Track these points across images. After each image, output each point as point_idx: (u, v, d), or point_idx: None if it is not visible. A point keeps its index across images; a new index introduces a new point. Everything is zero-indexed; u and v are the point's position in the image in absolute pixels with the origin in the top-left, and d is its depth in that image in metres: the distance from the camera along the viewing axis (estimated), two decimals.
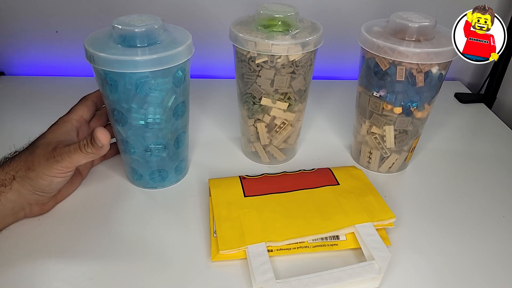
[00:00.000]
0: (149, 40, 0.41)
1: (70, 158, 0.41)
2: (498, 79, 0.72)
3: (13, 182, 0.40)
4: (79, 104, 0.47)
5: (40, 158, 0.41)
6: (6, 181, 0.40)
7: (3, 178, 0.40)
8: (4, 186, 0.40)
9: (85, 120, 0.47)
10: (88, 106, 0.47)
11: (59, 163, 0.41)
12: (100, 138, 0.40)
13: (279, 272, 0.40)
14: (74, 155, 0.41)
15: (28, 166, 0.41)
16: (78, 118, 0.46)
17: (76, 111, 0.46)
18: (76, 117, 0.46)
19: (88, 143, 0.41)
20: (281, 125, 0.51)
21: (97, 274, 0.39)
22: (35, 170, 0.40)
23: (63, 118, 0.45)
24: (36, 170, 0.40)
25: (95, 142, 0.40)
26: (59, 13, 0.71)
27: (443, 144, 0.62)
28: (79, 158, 0.41)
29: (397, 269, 0.41)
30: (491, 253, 0.43)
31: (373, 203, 0.46)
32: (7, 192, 0.40)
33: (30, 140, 0.44)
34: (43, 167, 0.40)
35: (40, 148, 0.42)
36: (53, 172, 0.41)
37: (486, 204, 0.50)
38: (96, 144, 0.40)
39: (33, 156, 0.41)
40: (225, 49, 0.74)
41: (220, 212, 0.44)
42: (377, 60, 0.46)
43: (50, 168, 0.40)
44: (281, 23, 0.46)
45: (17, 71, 0.77)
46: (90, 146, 0.41)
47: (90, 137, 0.41)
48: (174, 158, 0.49)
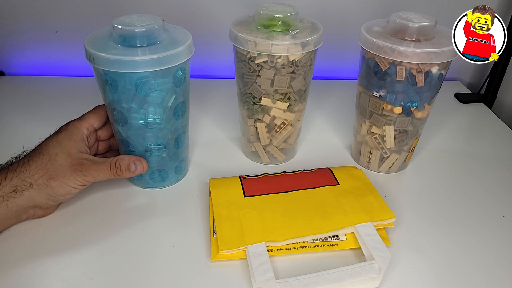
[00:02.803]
0: (149, 40, 0.41)
1: (97, 175, 0.42)
2: (498, 79, 0.72)
3: (28, 189, 0.40)
4: (92, 112, 0.47)
5: (65, 169, 0.41)
6: (20, 187, 0.40)
7: (16, 184, 0.40)
8: (16, 192, 0.40)
9: (94, 129, 0.47)
10: (100, 116, 0.47)
11: (85, 178, 0.42)
12: (136, 168, 0.45)
13: (279, 272, 0.40)
14: (101, 174, 0.43)
15: (50, 175, 0.41)
16: (88, 126, 0.45)
17: (87, 119, 0.46)
18: (87, 125, 0.45)
19: (122, 168, 0.44)
20: (281, 125, 0.51)
21: (97, 274, 0.39)
22: (58, 179, 0.41)
23: (75, 124, 0.45)
24: (60, 180, 0.41)
25: (130, 169, 0.44)
26: (59, 13, 0.71)
27: (443, 144, 0.62)
28: (105, 177, 0.43)
29: (397, 269, 0.41)
30: (491, 253, 0.43)
31: (373, 203, 0.46)
32: (17, 198, 0.40)
33: (39, 140, 0.44)
34: (67, 179, 0.41)
35: (62, 159, 0.42)
36: (76, 184, 0.42)
37: (486, 204, 0.50)
38: (129, 171, 0.44)
39: (55, 165, 0.41)
40: (225, 49, 0.74)
41: (220, 212, 0.44)
42: (377, 60, 0.46)
43: (74, 181, 0.41)
44: (281, 23, 0.46)
45: (17, 71, 0.77)
46: (123, 171, 0.44)
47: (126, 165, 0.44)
48: (174, 158, 0.49)
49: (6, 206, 0.40)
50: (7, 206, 0.40)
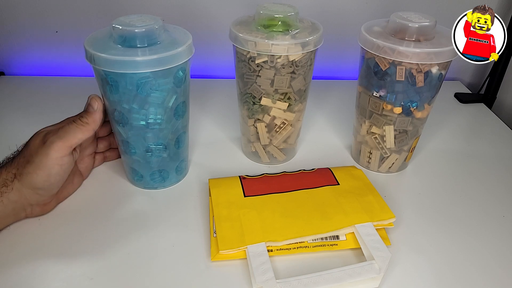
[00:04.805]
0: (149, 40, 0.41)
1: (64, 133, 0.41)
2: (498, 79, 0.72)
3: (14, 181, 0.40)
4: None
5: (36, 148, 0.40)
6: (8, 180, 0.40)
7: (5, 178, 0.40)
8: (6, 186, 0.40)
9: None
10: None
11: (54, 143, 0.40)
12: (91, 103, 0.43)
13: (279, 272, 0.40)
14: (69, 130, 0.41)
15: (27, 160, 0.40)
16: None
17: None
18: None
19: (82, 113, 0.42)
20: (281, 125, 0.51)
21: (97, 274, 0.39)
22: (33, 162, 0.40)
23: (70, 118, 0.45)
24: (35, 161, 0.40)
25: (88, 108, 0.42)
26: (59, 13, 0.71)
27: (443, 144, 0.62)
28: (75, 133, 0.41)
29: (397, 269, 0.41)
30: (491, 253, 0.43)
31: (373, 203, 0.46)
32: (9, 192, 0.40)
33: None
34: (40, 155, 0.40)
35: (33, 139, 0.42)
36: (50, 158, 0.40)
37: (486, 204, 0.50)
38: (89, 109, 0.42)
39: (29, 148, 0.41)
40: (225, 49, 0.74)
41: (220, 212, 0.44)
42: (377, 60, 0.46)
43: (46, 154, 0.40)
44: (281, 23, 0.46)
45: (17, 71, 0.77)
46: (84, 115, 0.42)
47: (84, 109, 0.43)
48: (175, 158, 0.49)
49: (2, 203, 0.40)
50: (3, 203, 0.40)
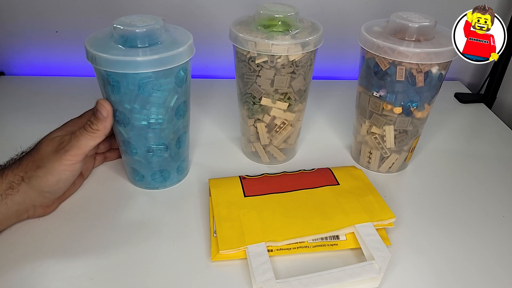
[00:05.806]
0: (150, 40, 0.41)
1: (78, 143, 0.41)
2: (498, 79, 0.72)
3: (21, 184, 0.40)
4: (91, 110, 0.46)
5: (49, 154, 0.41)
6: (14, 183, 0.40)
7: (12, 180, 0.40)
8: (12, 189, 0.40)
9: None
10: None
11: (69, 152, 0.41)
12: (100, 109, 0.41)
13: (279, 272, 0.40)
14: (82, 138, 0.41)
15: (37, 164, 0.41)
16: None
17: (87, 116, 0.46)
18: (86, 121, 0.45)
19: (92, 120, 0.42)
20: (281, 125, 0.51)
21: (97, 274, 0.39)
22: (44, 167, 0.40)
23: (73, 120, 0.45)
24: (46, 167, 0.40)
25: (98, 114, 0.41)
26: (59, 13, 0.71)
27: (443, 144, 0.62)
28: (87, 141, 0.41)
29: (397, 269, 0.41)
30: (491, 253, 0.43)
31: (373, 203, 0.46)
32: (14, 195, 0.40)
33: (38, 139, 0.44)
34: (52, 162, 0.40)
35: (45, 145, 0.42)
36: (63, 164, 0.41)
37: (486, 204, 0.50)
38: (98, 116, 0.41)
39: (40, 153, 0.41)
40: (225, 49, 0.74)
41: (220, 212, 0.44)
42: (377, 60, 0.46)
43: (60, 160, 0.40)
44: (281, 23, 0.46)
45: (17, 71, 0.77)
46: (94, 122, 0.41)
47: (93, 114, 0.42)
48: (176, 158, 0.49)
49: (6, 205, 0.40)
50: (7, 205, 0.40)
